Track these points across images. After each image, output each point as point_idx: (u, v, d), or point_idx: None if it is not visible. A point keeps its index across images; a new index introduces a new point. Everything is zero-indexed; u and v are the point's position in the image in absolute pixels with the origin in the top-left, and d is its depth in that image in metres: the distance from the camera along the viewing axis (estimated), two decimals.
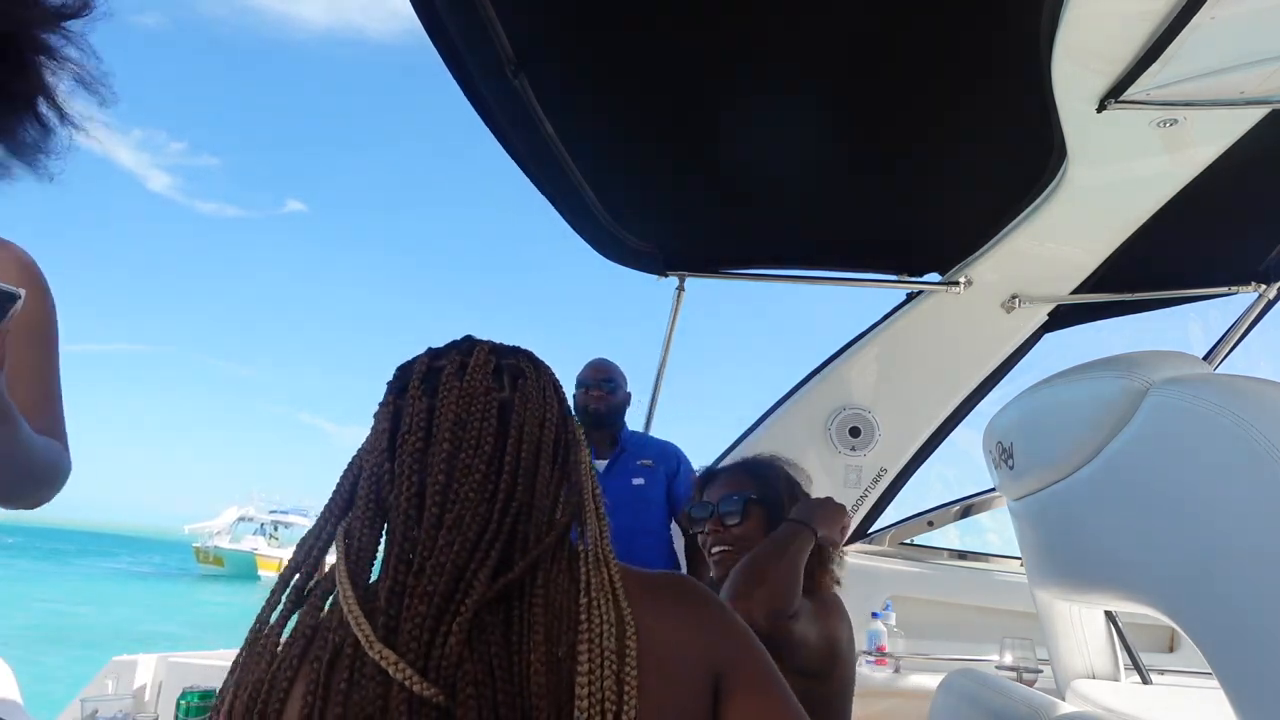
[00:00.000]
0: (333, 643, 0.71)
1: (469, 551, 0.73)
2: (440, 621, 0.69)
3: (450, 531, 0.74)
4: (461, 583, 0.71)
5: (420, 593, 0.70)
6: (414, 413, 0.80)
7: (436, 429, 0.79)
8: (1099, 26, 1.49)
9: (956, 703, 1.23)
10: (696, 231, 2.62)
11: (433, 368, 0.84)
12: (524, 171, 2.13)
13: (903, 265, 2.79)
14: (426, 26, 1.64)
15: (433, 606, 0.70)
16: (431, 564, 0.72)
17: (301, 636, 0.74)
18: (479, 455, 0.78)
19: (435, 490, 0.76)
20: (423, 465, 0.78)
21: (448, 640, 0.68)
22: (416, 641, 0.68)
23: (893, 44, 1.67)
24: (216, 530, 45.09)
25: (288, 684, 0.70)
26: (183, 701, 1.34)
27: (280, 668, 0.72)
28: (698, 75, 1.79)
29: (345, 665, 0.69)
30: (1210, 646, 0.86)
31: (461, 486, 0.76)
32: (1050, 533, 1.26)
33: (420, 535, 0.74)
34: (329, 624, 0.73)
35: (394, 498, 0.77)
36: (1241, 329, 2.75)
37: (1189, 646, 1.18)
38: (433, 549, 0.73)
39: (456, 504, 0.75)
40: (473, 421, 0.79)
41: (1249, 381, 0.87)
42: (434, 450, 0.78)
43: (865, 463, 2.88)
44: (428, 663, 0.68)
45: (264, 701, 0.70)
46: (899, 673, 2.52)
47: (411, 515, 0.76)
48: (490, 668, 0.68)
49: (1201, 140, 1.90)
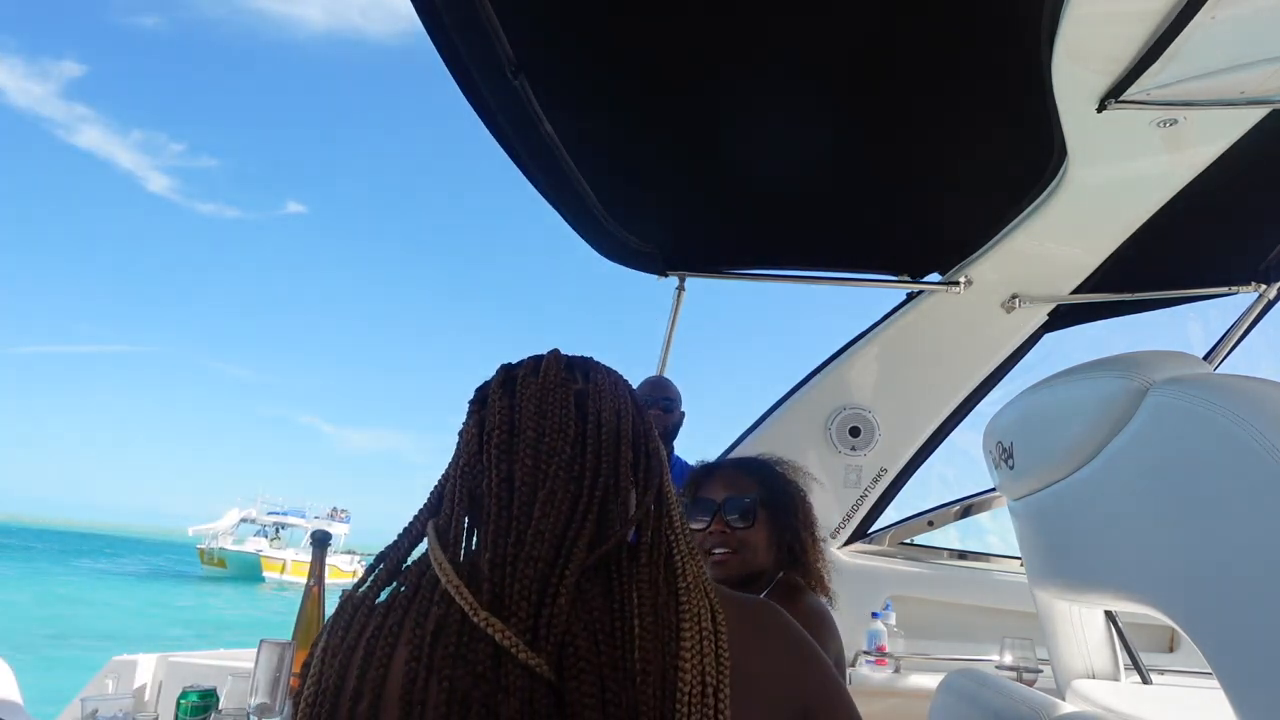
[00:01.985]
0: (435, 615, 0.70)
1: (564, 523, 0.75)
2: (546, 585, 0.70)
3: (545, 505, 0.76)
4: (562, 551, 0.73)
5: (525, 557, 0.71)
6: (497, 411, 0.83)
7: (519, 422, 0.82)
8: (1099, 26, 1.49)
9: (956, 703, 1.23)
10: (696, 231, 2.62)
11: (509, 375, 0.88)
12: (524, 172, 2.13)
13: (903, 265, 2.79)
14: (426, 27, 1.64)
15: (539, 571, 0.71)
16: (532, 533, 0.73)
17: (399, 609, 0.73)
18: (563, 438, 0.81)
19: (524, 473, 0.78)
20: (509, 453, 0.80)
21: (556, 602, 0.69)
22: (525, 605, 0.69)
23: (894, 44, 1.67)
24: (220, 532, 45.08)
25: (387, 656, 0.70)
26: (183, 701, 1.34)
27: (379, 640, 0.71)
28: (698, 75, 1.79)
29: (450, 636, 0.68)
30: (1210, 646, 0.86)
31: (549, 467, 0.79)
32: (1050, 533, 1.26)
33: (514, 513, 0.76)
34: (428, 597, 0.73)
35: (485, 484, 0.79)
36: (1241, 329, 2.75)
37: (1189, 646, 1.18)
38: (529, 522, 0.74)
39: (548, 481, 0.78)
40: (553, 410, 0.83)
41: (1249, 381, 0.87)
42: (520, 439, 0.80)
43: (865, 463, 2.88)
44: (536, 629, 0.68)
45: (360, 673, 0.69)
46: (899, 673, 2.52)
47: (504, 498, 0.77)
48: (595, 637, 0.69)
49: (1201, 140, 1.90)
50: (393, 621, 0.72)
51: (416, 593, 0.74)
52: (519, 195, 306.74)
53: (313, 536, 1.47)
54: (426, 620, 0.70)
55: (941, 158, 2.12)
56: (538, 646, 0.67)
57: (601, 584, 0.73)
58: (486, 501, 0.78)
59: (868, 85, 1.80)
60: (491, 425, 0.82)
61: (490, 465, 0.80)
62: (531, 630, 0.68)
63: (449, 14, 1.61)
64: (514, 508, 0.76)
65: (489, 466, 0.80)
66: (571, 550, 0.73)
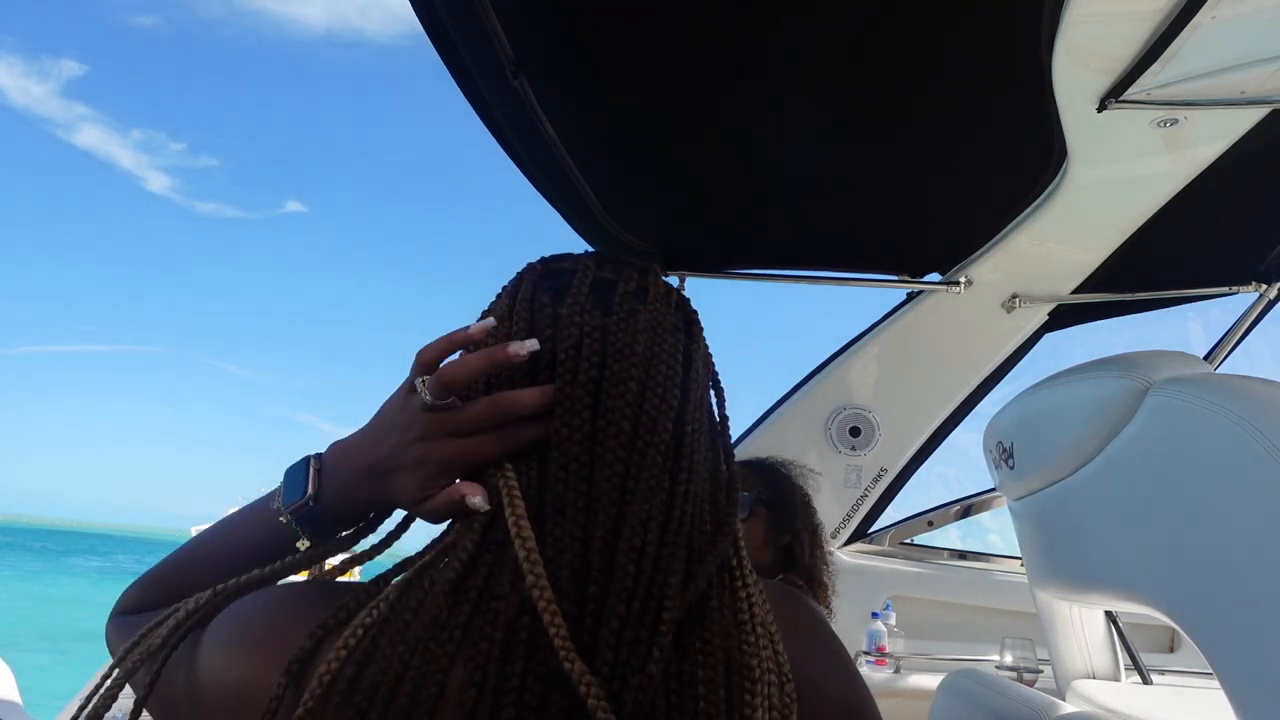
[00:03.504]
0: (505, 616, 0.55)
1: (657, 541, 0.58)
2: (639, 632, 0.55)
3: (642, 504, 0.58)
4: (655, 584, 0.56)
5: (616, 590, 0.55)
6: (584, 328, 0.62)
7: (611, 358, 0.62)
8: (1099, 26, 1.49)
9: (956, 703, 1.23)
10: (697, 231, 2.62)
11: (600, 279, 0.66)
12: (524, 172, 2.12)
13: (903, 265, 2.78)
14: (426, 27, 1.64)
15: (632, 612, 0.55)
16: (623, 549, 0.56)
17: (466, 600, 0.56)
18: (664, 410, 0.61)
19: (618, 443, 0.59)
20: (596, 399, 0.60)
21: (647, 669, 0.54)
22: (609, 655, 0.54)
23: (893, 43, 1.67)
24: None
25: (448, 659, 0.53)
26: None
27: (439, 633, 0.54)
28: (698, 75, 1.79)
29: (519, 654, 0.53)
30: (1210, 646, 0.86)
31: (649, 449, 0.59)
32: (1050, 533, 1.26)
33: (600, 496, 0.58)
34: (500, 588, 0.56)
35: (562, 428, 0.59)
36: (1242, 329, 2.75)
37: (1189, 646, 1.18)
38: (619, 528, 0.57)
39: (644, 471, 0.59)
40: (660, 364, 0.62)
41: (1249, 381, 0.87)
42: (616, 391, 0.60)
43: (865, 463, 2.88)
44: (620, 694, 0.53)
45: (415, 676, 0.53)
46: (899, 673, 2.52)
47: (583, 461, 0.58)
48: (668, 705, 0.55)
49: (1202, 140, 1.90)
50: (459, 621, 0.55)
51: (485, 585, 0.56)
52: (518, 195, 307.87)
53: None
54: (496, 626, 0.54)
55: (941, 158, 2.12)
56: (619, 712, 0.52)
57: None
58: (561, 454, 0.59)
59: (867, 85, 1.80)
60: (574, 341, 0.61)
61: (576, 405, 0.59)
62: (618, 684, 0.53)
63: (449, 14, 1.60)
64: (595, 483, 0.58)
65: (574, 405, 0.59)
66: (664, 585, 0.56)
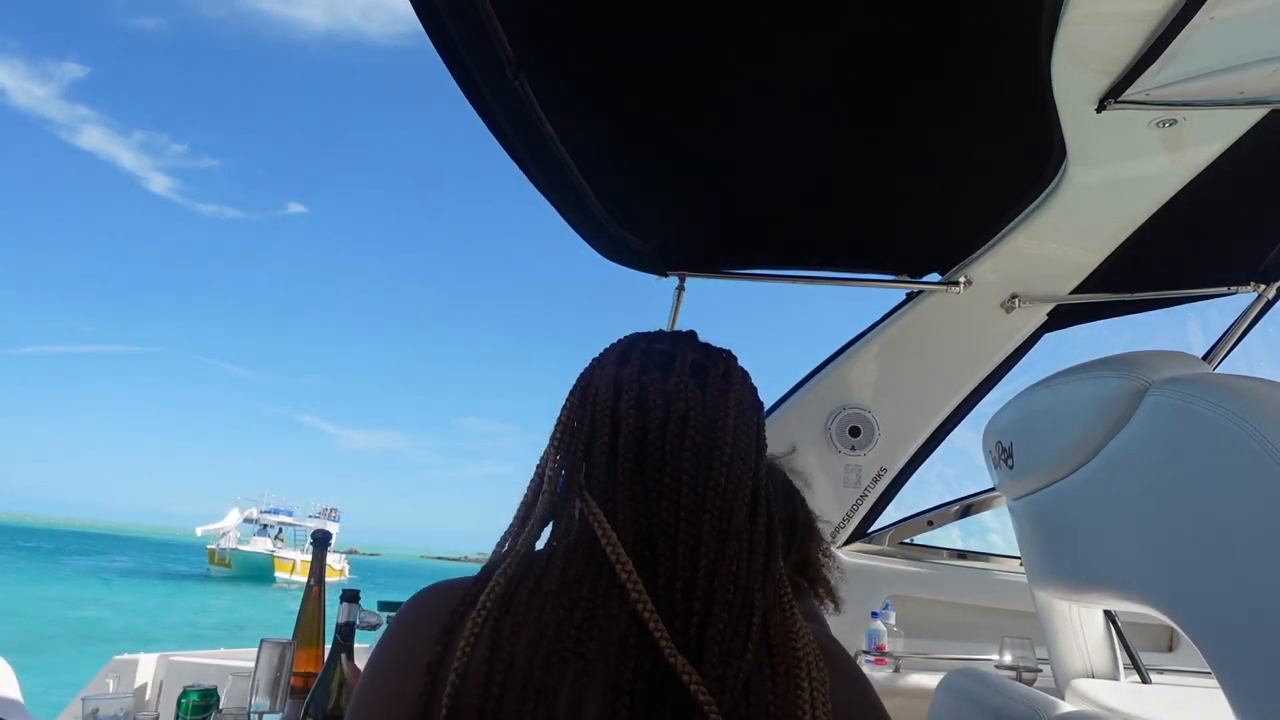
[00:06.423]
0: (617, 633, 0.64)
1: (746, 549, 0.69)
2: (737, 628, 0.64)
3: (735, 539, 0.69)
4: (746, 598, 0.67)
5: (720, 590, 0.65)
6: (689, 403, 0.76)
7: (708, 428, 0.75)
8: (1099, 26, 1.49)
9: (956, 702, 1.23)
10: (696, 231, 2.62)
11: (695, 361, 0.83)
12: (524, 172, 2.12)
13: (903, 265, 2.79)
14: (426, 27, 1.64)
15: (732, 614, 0.65)
16: (723, 573, 0.66)
17: (580, 610, 0.65)
18: (747, 470, 0.75)
19: (715, 494, 0.70)
20: (695, 461, 0.73)
21: (744, 657, 0.63)
22: (717, 652, 0.62)
23: (892, 44, 1.67)
24: (227, 531, 45.20)
25: (584, 677, 0.62)
26: (183, 700, 1.34)
27: (562, 648, 0.63)
28: (698, 75, 1.79)
29: (630, 662, 0.62)
30: (1210, 646, 0.86)
31: (736, 500, 0.72)
32: (1050, 532, 1.26)
33: (704, 535, 0.68)
34: (610, 608, 0.65)
35: (670, 483, 0.71)
36: (1241, 329, 2.75)
37: (1189, 646, 1.18)
38: (719, 560, 0.67)
39: (734, 515, 0.71)
40: (744, 434, 0.77)
41: (1249, 381, 0.87)
42: (709, 449, 0.73)
43: (865, 463, 2.88)
44: (724, 680, 0.62)
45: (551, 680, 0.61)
46: (899, 672, 2.52)
47: (690, 508, 0.69)
48: (764, 691, 0.64)
49: (1201, 140, 1.90)
50: (573, 632, 0.64)
51: (597, 600, 0.65)
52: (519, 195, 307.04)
53: (313, 536, 1.47)
54: (610, 642, 0.63)
55: (941, 158, 2.12)
56: (722, 701, 0.61)
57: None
58: (661, 478, 0.70)
59: (867, 85, 1.80)
60: (680, 420, 0.73)
61: (680, 476, 0.70)
62: (719, 681, 0.62)
63: (449, 14, 1.61)
64: (704, 535, 0.68)
65: (677, 473, 0.71)
66: (751, 584, 0.67)
